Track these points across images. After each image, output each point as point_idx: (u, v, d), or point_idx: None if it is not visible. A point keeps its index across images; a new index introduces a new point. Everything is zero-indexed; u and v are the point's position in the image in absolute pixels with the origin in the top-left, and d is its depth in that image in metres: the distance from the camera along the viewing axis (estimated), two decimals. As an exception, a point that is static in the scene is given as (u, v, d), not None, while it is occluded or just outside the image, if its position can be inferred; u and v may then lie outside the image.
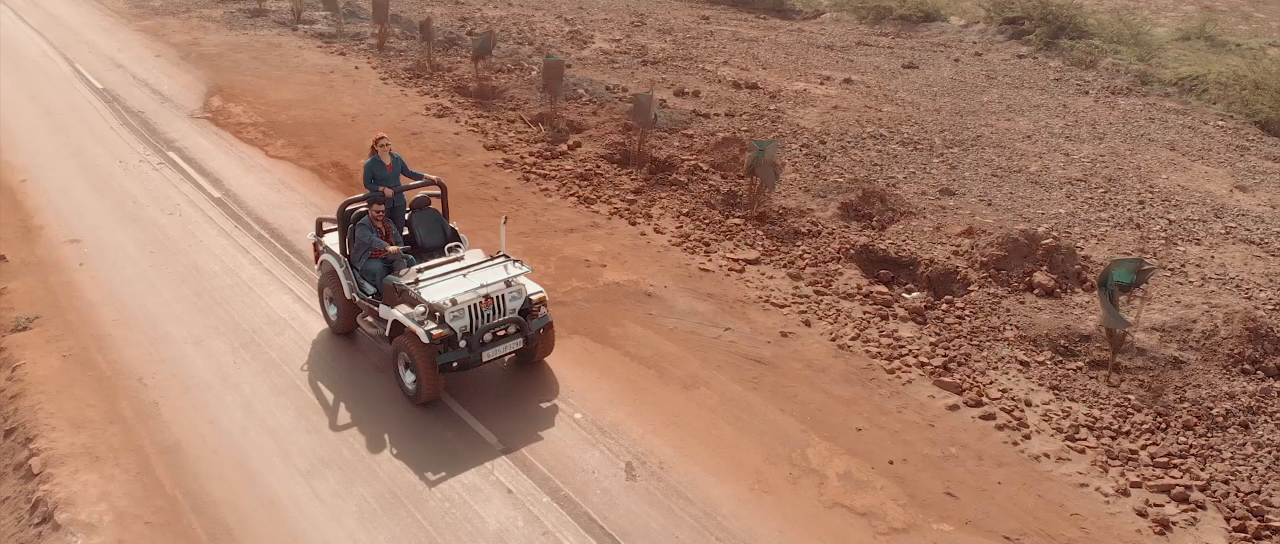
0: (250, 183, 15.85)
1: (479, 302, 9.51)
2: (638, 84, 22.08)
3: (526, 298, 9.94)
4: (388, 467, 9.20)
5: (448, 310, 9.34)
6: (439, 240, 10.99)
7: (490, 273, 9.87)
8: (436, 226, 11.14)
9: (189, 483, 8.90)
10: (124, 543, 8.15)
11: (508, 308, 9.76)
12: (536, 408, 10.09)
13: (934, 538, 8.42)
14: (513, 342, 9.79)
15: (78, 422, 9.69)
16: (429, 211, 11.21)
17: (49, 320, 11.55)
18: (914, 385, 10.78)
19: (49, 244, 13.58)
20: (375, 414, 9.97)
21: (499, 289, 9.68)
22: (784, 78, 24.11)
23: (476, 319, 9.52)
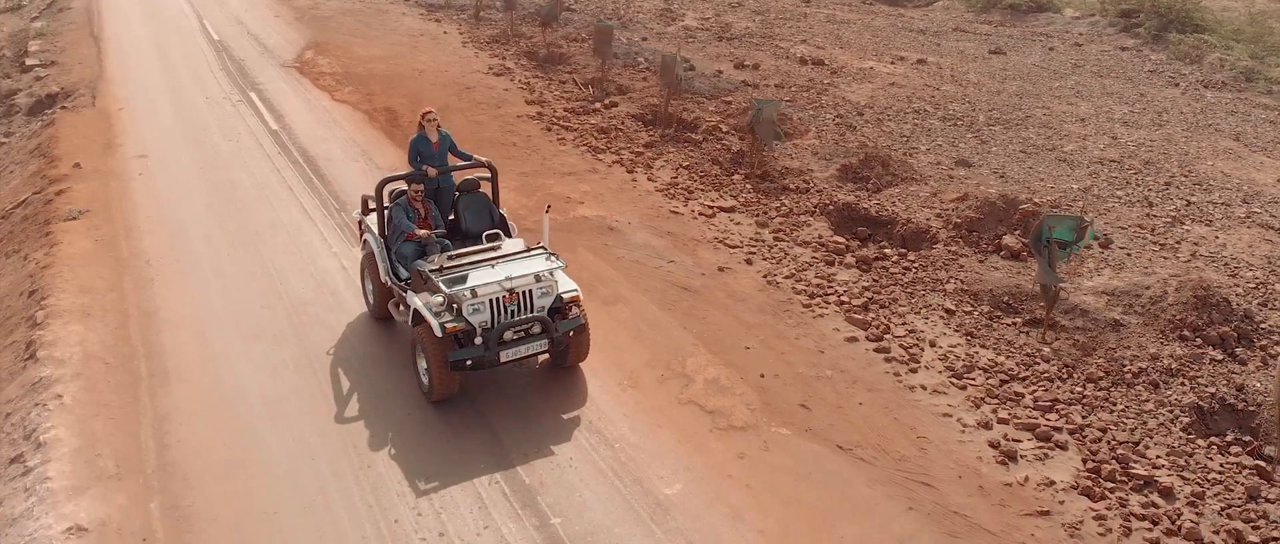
0: (306, 119, 17.67)
1: (502, 296, 8.55)
2: (706, 58, 22.83)
3: (557, 296, 8.91)
4: (315, 334, 10.48)
5: (466, 302, 8.45)
6: (485, 226, 10.12)
7: (523, 265, 8.93)
8: (484, 212, 10.33)
9: (151, 338, 10.46)
10: (82, 375, 9.73)
11: (535, 305, 8.74)
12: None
13: (768, 439, 8.92)
14: (536, 343, 8.75)
15: (85, 288, 11.46)
16: (478, 195, 10.41)
17: (96, 214, 13.52)
18: (825, 319, 11.17)
19: (121, 157, 15.72)
20: (326, 303, 11.26)
21: (526, 283, 8.69)
22: (856, 57, 24.23)
23: (498, 315, 8.61)
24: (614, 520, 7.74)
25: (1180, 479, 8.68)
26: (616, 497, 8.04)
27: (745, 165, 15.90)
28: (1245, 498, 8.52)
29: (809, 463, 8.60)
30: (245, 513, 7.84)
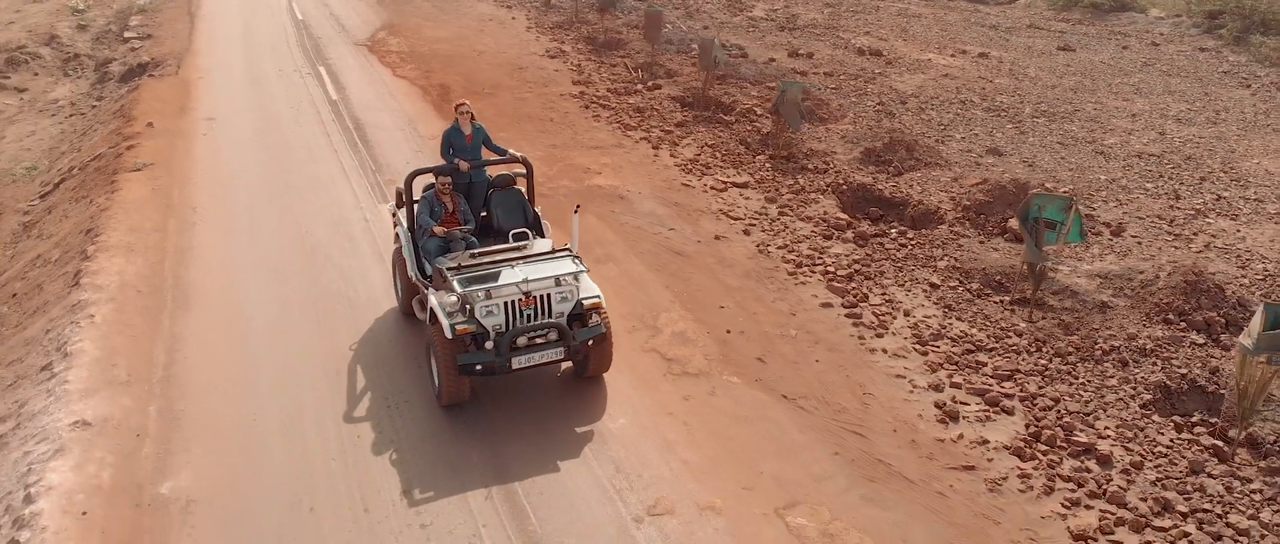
0: (365, 92, 18.81)
1: (518, 298, 8.13)
2: (762, 46, 23.23)
3: (578, 302, 8.43)
4: (327, 275, 11.40)
5: (479, 303, 8.08)
6: (518, 224, 9.75)
7: (545, 267, 8.51)
8: (517, 209, 9.93)
9: (181, 272, 11.56)
10: (115, 300, 10.86)
11: (553, 310, 8.28)
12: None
13: (717, 386, 9.39)
14: (551, 350, 8.24)
15: (133, 229, 12.68)
16: (512, 192, 10.01)
17: (157, 167, 14.83)
18: (806, 287, 11.53)
19: (191, 120, 17.10)
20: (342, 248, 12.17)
21: (546, 287, 8.25)
22: (916, 49, 24.23)
23: (514, 318, 8.20)
24: (558, 453, 8.35)
25: (1123, 449, 8.77)
26: (567, 432, 8.63)
27: (771, 146, 16.25)
28: (1186, 472, 8.57)
29: (750, 408, 9.03)
30: (228, 419, 8.74)
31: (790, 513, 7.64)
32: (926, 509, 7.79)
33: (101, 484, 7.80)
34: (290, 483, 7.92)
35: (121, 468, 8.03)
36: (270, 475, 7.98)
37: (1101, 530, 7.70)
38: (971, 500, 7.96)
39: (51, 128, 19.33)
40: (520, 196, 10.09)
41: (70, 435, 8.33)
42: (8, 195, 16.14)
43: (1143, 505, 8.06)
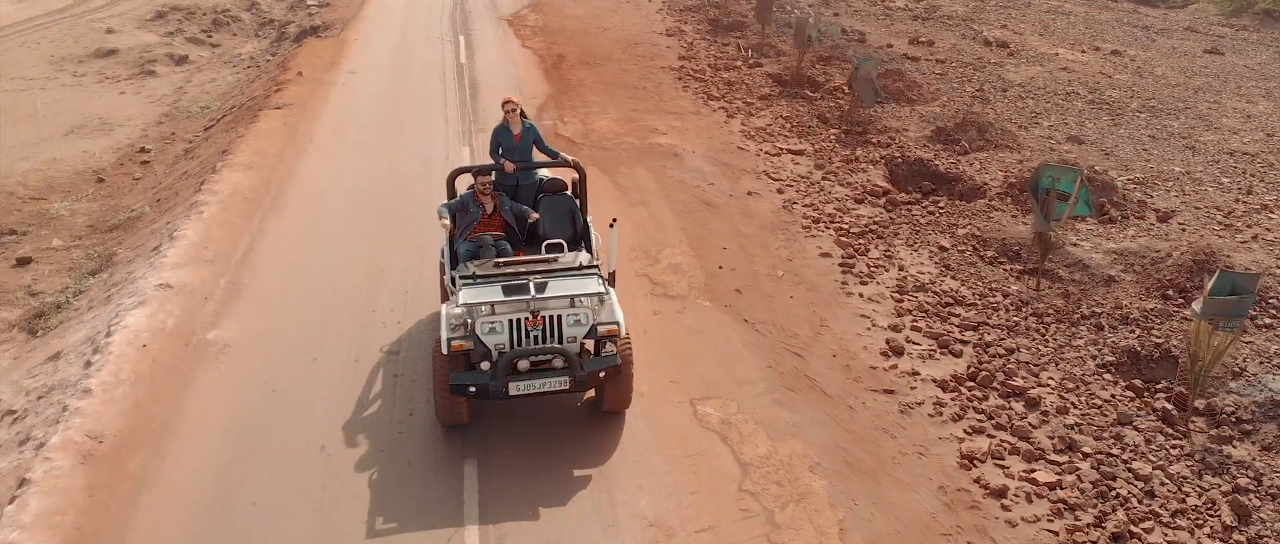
0: (490, 58, 20.80)
1: (525, 317, 7.42)
2: (887, 33, 23.65)
3: (593, 327, 7.61)
4: (396, 195, 13.19)
5: (481, 319, 7.41)
6: (565, 234, 9.08)
7: (564, 285, 7.75)
8: (565, 217, 9.21)
9: (281, 186, 13.71)
10: (224, 203, 13.09)
11: (565, 334, 7.52)
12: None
13: (688, 306, 10.44)
14: (555, 379, 7.42)
15: (258, 152, 15.02)
16: (562, 198, 9.29)
17: (294, 107, 17.26)
18: (815, 240, 12.33)
19: (336, 72, 19.59)
20: (416, 173, 13.94)
21: (558, 307, 7.49)
22: (1048, 44, 23.92)
23: (518, 339, 7.50)
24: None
25: (1058, 397, 9.16)
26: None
27: (855, 123, 16.85)
28: (1111, 422, 8.89)
29: (708, 325, 10.04)
30: (277, 293, 10.63)
31: (702, 403, 8.65)
32: (829, 417, 8.58)
33: (164, 328, 9.80)
34: (305, 341, 9.65)
35: (183, 319, 10.02)
36: (292, 335, 9.74)
37: (991, 454, 8.22)
38: (878, 417, 8.68)
39: (230, 77, 22.45)
40: (571, 204, 9.27)
41: (153, 293, 10.41)
42: (181, 128, 19.07)
43: (1047, 442, 8.49)
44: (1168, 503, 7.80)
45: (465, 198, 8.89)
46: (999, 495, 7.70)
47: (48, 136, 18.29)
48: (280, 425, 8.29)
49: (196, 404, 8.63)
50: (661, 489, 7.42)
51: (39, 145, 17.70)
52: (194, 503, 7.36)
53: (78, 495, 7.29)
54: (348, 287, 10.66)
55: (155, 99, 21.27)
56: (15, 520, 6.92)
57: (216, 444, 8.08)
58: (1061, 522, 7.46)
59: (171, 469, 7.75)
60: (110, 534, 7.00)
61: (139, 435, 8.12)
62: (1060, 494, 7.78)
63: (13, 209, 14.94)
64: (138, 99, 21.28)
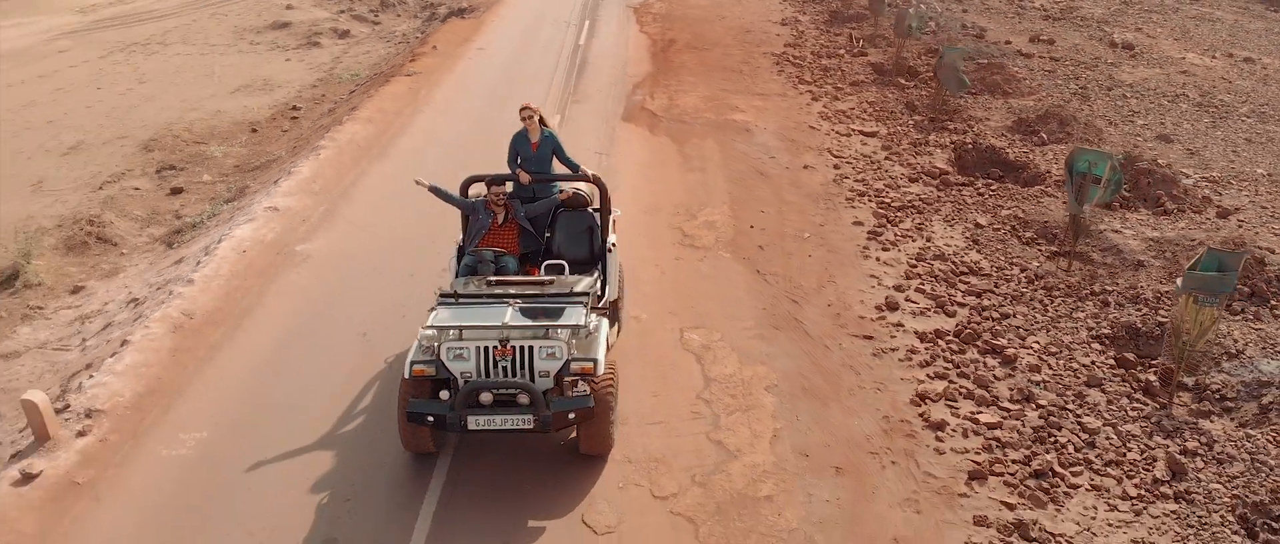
0: (606, 41, 22.32)
1: (494, 346, 6.89)
2: (1010, 31, 23.69)
3: (565, 363, 7.01)
4: (480, 150, 14.86)
5: (447, 343, 6.93)
6: (581, 253, 8.75)
7: (545, 313, 7.25)
8: (581, 236, 8.81)
9: (391, 140, 15.59)
10: (340, 148, 15.06)
11: (536, 368, 6.97)
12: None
13: (708, 255, 11.46)
14: (518, 416, 6.85)
15: (380, 109, 17.03)
16: (582, 215, 8.85)
17: (421, 75, 19.31)
18: (853, 210, 13.08)
19: (467, 48, 21.60)
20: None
21: (530, 337, 6.94)
22: (1178, 48, 23.32)
23: (487, 368, 6.98)
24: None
25: (1035, 359, 9.68)
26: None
27: (943, 112, 17.30)
28: (1080, 384, 9.36)
29: (720, 271, 11.06)
30: (362, 220, 12.39)
31: (690, 330, 9.71)
32: (802, 352, 9.48)
33: (263, 239, 11.70)
34: (375, 257, 11.32)
35: (281, 234, 11.90)
36: (366, 252, 11.43)
37: (945, 396, 8.90)
38: (849, 356, 9.50)
39: (382, 50, 24.89)
40: (590, 221, 8.85)
41: (262, 214, 12.38)
42: (331, 91, 21.49)
43: (1004, 392, 9.07)
44: (1105, 454, 8.24)
45: (478, 203, 8.50)
46: (937, 428, 8.39)
47: (217, 93, 21.05)
48: (336, 316, 9.93)
49: (275, 298, 10.41)
50: (628, 390, 8.54)
51: (209, 100, 20.44)
52: (251, 368, 9.06)
53: (164, 355, 9.12)
54: (422, 219, 12.25)
55: (314, 67, 23.92)
56: (112, 369, 8.79)
57: (282, 327, 9.80)
58: (988, 455, 8.07)
59: (240, 342, 9.50)
60: (181, 385, 8.77)
61: (222, 316, 9.94)
62: (998, 434, 8.37)
63: (177, 149, 17.51)
64: (300, 66, 23.99)
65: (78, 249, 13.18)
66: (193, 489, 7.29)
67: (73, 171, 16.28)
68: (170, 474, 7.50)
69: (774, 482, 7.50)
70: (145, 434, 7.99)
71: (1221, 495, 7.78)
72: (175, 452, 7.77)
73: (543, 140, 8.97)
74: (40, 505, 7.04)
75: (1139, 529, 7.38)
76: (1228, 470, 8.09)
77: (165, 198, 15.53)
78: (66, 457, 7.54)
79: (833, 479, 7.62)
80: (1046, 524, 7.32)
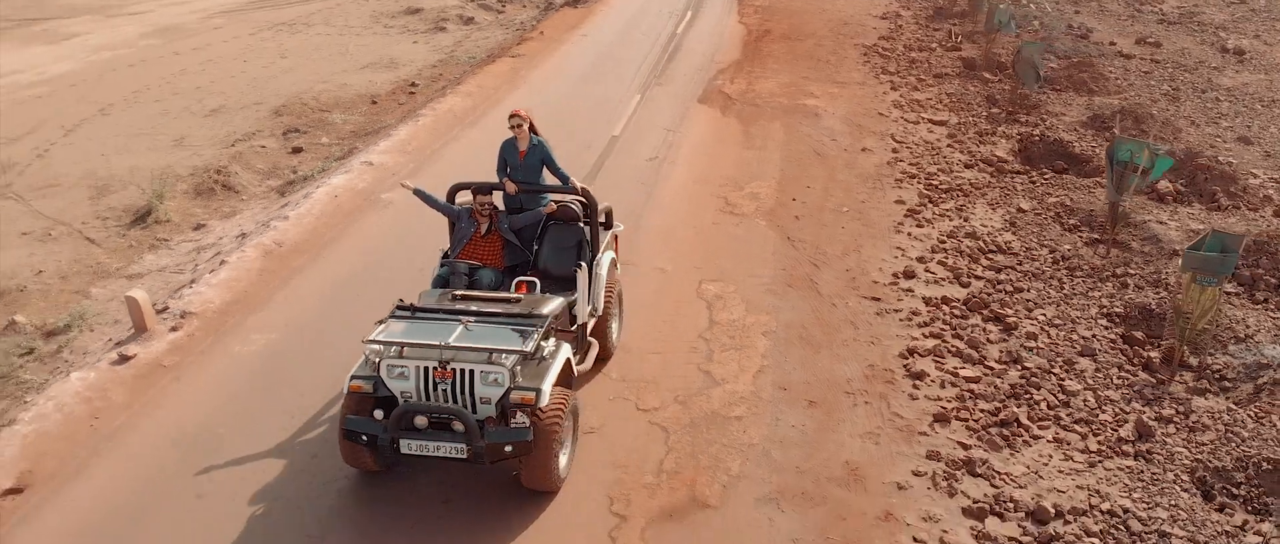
0: (702, 30, 23.31)
1: (433, 367, 6.58)
2: (1118, 32, 23.45)
3: (506, 391, 6.60)
4: (575, 125, 16.16)
5: (387, 360, 6.65)
6: (569, 270, 8.25)
7: (492, 335, 6.81)
8: (568, 252, 8.38)
9: (485, 109, 17.05)
10: (437, 118, 16.63)
11: (478, 394, 6.61)
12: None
13: (744, 222, 12.23)
14: (450, 444, 6.51)
15: (480, 86, 18.54)
16: (572, 229, 8.48)
17: (524, 58, 20.77)
18: (899, 190, 13.66)
19: (572, 34, 23.01)
20: (593, 103, 16.81)
21: (472, 361, 6.59)
22: (1295, 56, 22.63)
23: (427, 391, 6.66)
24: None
25: (1033, 326, 10.20)
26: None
27: (1022, 107, 17.54)
28: (1073, 353, 9.79)
29: (752, 235, 11.91)
30: (446, 176, 13.76)
31: (707, 282, 10.65)
32: (809, 307, 10.28)
33: (354, 188, 13.26)
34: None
35: (371, 184, 13.44)
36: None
37: (934, 353, 9.55)
38: (852, 314, 10.24)
39: (500, 36, 26.55)
40: (579, 236, 8.46)
41: (358, 167, 13.97)
42: (448, 71, 23.21)
43: (993, 354, 9.63)
44: (1077, 413, 8.73)
45: (462, 211, 8.29)
46: (917, 377, 9.04)
47: (346, 69, 23.10)
48: (403, 251, 11.31)
49: (354, 235, 11.90)
50: (638, 327, 9.55)
51: (338, 74, 22.48)
52: (322, 290, 10.51)
53: (252, 273, 10.70)
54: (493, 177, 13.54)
55: (437, 49, 25.78)
56: (207, 281, 10.40)
57: (355, 260, 11.25)
58: (959, 404, 8.70)
59: (318, 268, 11.00)
60: (262, 298, 10.30)
61: (307, 246, 11.48)
62: (974, 387, 8.98)
63: (304, 115, 19.46)
64: (424, 48, 25.91)
65: (205, 194, 15.10)
66: (255, 376, 8.73)
67: (211, 131, 18.40)
68: (239, 364, 8.98)
69: (747, 406, 8.37)
70: (226, 333, 9.52)
71: (1182, 457, 8.17)
72: (247, 348, 9.26)
73: (531, 149, 8.50)
74: (130, 381, 8.60)
75: (1088, 478, 7.86)
76: (1198, 438, 8.44)
77: (287, 156, 17.40)
78: (158, 345, 9.12)
79: (803, 410, 8.42)
80: (995, 464, 7.91)
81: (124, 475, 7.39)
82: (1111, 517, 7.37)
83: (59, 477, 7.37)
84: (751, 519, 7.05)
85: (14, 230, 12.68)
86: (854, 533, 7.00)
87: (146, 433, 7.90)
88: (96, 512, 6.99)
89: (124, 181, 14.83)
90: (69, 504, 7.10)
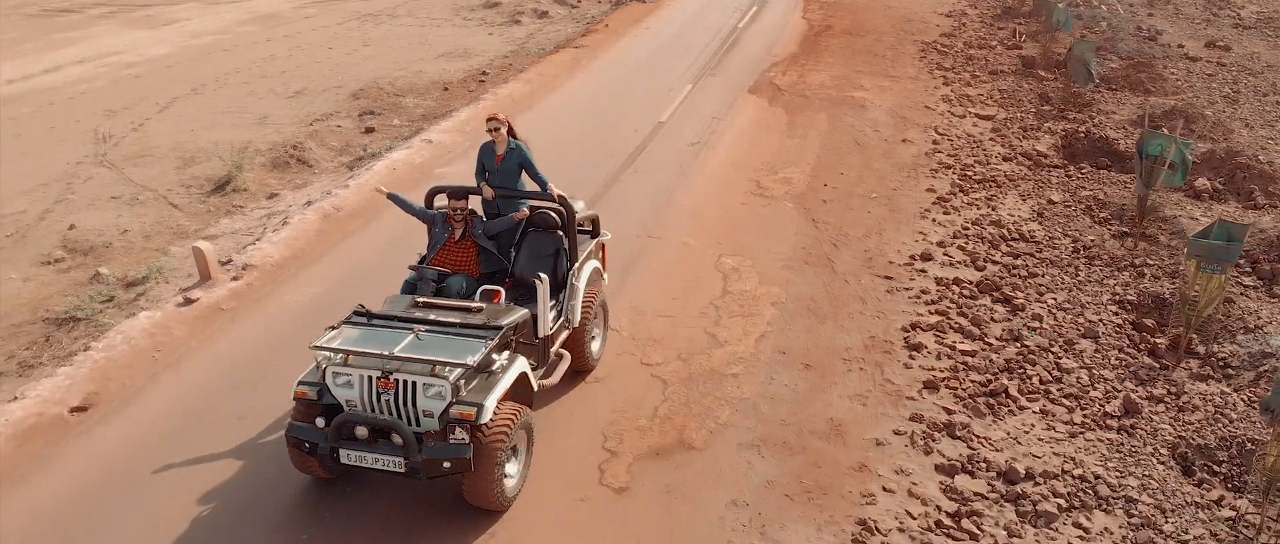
0: (765, 25, 23.79)
1: (376, 376, 6.44)
2: (1189, 36, 23.17)
3: (448, 404, 6.40)
4: (626, 109, 16.92)
5: (331, 368, 6.54)
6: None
7: (442, 347, 6.60)
8: (546, 260, 8.13)
9: (544, 95, 17.89)
10: (497, 101, 17.55)
11: (418, 406, 6.45)
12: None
13: (773, 204, 12.77)
14: (388, 456, 6.40)
15: (540, 73, 19.40)
16: (550, 237, 8.22)
17: (588, 49, 21.56)
18: (933, 179, 13.96)
19: (635, 27, 23.74)
20: (649, 82, 17.50)
21: (414, 373, 6.42)
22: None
23: (370, 400, 6.51)
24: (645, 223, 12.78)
25: (1042, 309, 10.53)
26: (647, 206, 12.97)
27: (1073, 105, 17.61)
28: (1075, 334, 10.06)
29: (778, 215, 12.43)
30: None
31: (726, 256, 11.24)
32: (821, 282, 10.78)
33: (412, 162, 14.21)
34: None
35: (427, 159, 14.38)
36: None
37: (936, 328, 9.99)
38: (863, 290, 10.72)
39: (571, 30, 27.48)
40: (558, 245, 8.19)
41: (418, 144, 14.95)
42: (518, 61, 24.21)
43: (994, 330, 9.99)
44: (1067, 389, 9.08)
45: (437, 215, 8.10)
46: (915, 349, 9.50)
47: (423, 58, 24.25)
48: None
49: (405, 205, 12.80)
50: (654, 291, 10.20)
51: (415, 62, 23.64)
52: (371, 250, 11.42)
53: (310, 233, 11.69)
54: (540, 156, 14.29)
55: (510, 41, 26.79)
56: (269, 239, 11.42)
57: (404, 223, 12.08)
58: (951, 374, 9.14)
59: (370, 231, 11.93)
60: (316, 255, 11.26)
61: (363, 211, 12.44)
62: (969, 360, 9.39)
63: (379, 99, 20.61)
64: (498, 39, 26.96)
65: (281, 167, 16.26)
66: (302, 320, 9.66)
67: (292, 111, 19.66)
68: (289, 310, 9.93)
69: (745, 366, 8.95)
70: (281, 284, 10.50)
71: (1166, 434, 8.46)
72: (298, 297, 10.22)
73: (508, 153, 8.30)
74: (191, 320, 9.63)
75: (1067, 447, 8.22)
76: (1186, 417, 8.71)
77: (360, 135, 18.53)
78: (219, 292, 10.15)
79: (798, 372, 8.97)
80: (976, 429, 8.33)
81: (177, 399, 8.36)
82: (1082, 481, 7.73)
83: (120, 398, 8.38)
84: (732, 461, 7.64)
85: (105, 194, 13.97)
86: (826, 479, 7.53)
87: (201, 364, 8.88)
88: (149, 429, 7.96)
89: (208, 154, 16.06)
90: (126, 422, 8.09)
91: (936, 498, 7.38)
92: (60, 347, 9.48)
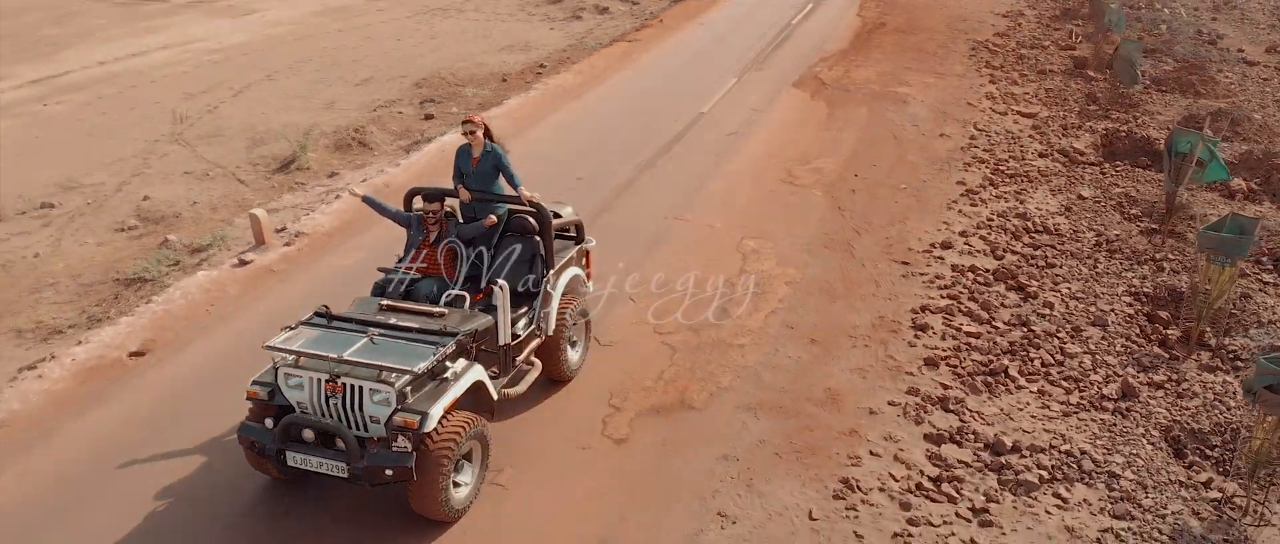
0: (819, 22, 24.07)
1: (325, 378, 6.41)
2: (1250, 41, 22.84)
3: (393, 410, 6.33)
4: (669, 96, 17.45)
5: (283, 368, 6.53)
6: (516, 286, 7.88)
7: (393, 352, 6.56)
8: (521, 266, 8.00)
9: (592, 86, 18.51)
10: (548, 90, 18.23)
11: (364, 412, 6.42)
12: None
13: (798, 192, 13.16)
14: (331, 461, 6.39)
15: (591, 65, 20.04)
16: (526, 241, 8.10)
17: (639, 43, 22.11)
18: (965, 173, 14.16)
19: (690, 22, 24.23)
20: (695, 72, 18.07)
21: (362, 377, 6.39)
22: None
23: (319, 404, 6.50)
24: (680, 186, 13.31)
25: (1054, 297, 10.79)
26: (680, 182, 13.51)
27: (1119, 105, 17.63)
28: (1084, 322, 10.28)
29: (805, 202, 12.84)
30: (543, 138, 15.33)
31: (748, 239, 11.70)
32: (838, 266, 11.19)
33: (459, 144, 14.92)
34: (532, 160, 14.24)
35: (474, 143, 15.09)
36: (538, 156, 14.30)
37: (944, 311, 10.34)
38: (879, 274, 11.09)
39: (629, 25, 28.14)
40: (533, 250, 8.09)
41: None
42: (575, 55, 24.93)
43: (1003, 315, 10.30)
44: (1068, 372, 9.36)
45: (413, 218, 8.09)
46: (920, 329, 9.87)
47: (486, 50, 25.11)
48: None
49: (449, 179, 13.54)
50: (675, 266, 10.76)
51: (478, 54, 24.51)
52: (413, 221, 12.19)
53: (360, 205, 12.45)
54: (583, 143, 14.98)
55: (570, 35, 27.51)
56: (324, 212, 12.25)
57: (446, 202, 12.89)
58: (953, 353, 9.50)
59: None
60: (363, 226, 12.02)
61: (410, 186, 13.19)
62: (973, 341, 9.72)
63: (441, 88, 21.49)
64: (558, 34, 27.71)
65: (343, 149, 17.18)
66: (346, 281, 10.39)
67: (358, 97, 20.65)
68: (334, 273, 10.71)
69: (752, 338, 9.43)
70: (328, 251, 11.30)
71: (1160, 417, 8.70)
72: (343, 261, 11.00)
73: (484, 156, 8.20)
74: (243, 279, 10.47)
75: (1058, 426, 8.52)
76: (1183, 403, 8.93)
77: (419, 121, 19.40)
78: (272, 255, 10.98)
79: (803, 345, 9.42)
80: (970, 404, 8.69)
81: (226, 347, 9.18)
82: (1068, 456, 8.04)
83: (174, 345, 9.23)
84: (728, 421, 8.14)
85: (178, 170, 15.00)
86: (817, 441, 7.98)
87: (250, 318, 9.69)
88: (198, 373, 8.78)
89: (277, 135, 17.05)
90: (177, 367, 8.92)
91: (921, 464, 7.77)
92: (127, 304, 10.39)
